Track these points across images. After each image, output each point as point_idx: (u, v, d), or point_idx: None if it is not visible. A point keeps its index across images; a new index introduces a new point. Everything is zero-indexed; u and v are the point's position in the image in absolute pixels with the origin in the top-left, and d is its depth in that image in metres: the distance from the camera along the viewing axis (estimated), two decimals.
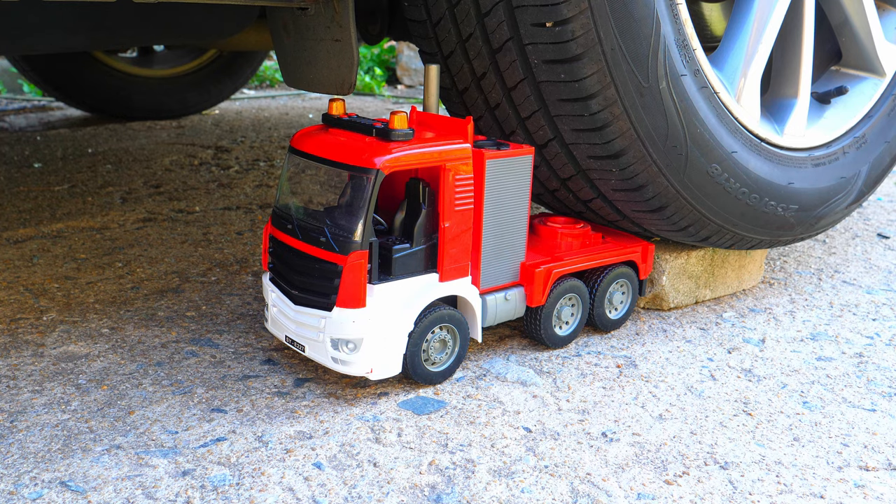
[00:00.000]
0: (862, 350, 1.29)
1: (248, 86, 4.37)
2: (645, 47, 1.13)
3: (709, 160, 1.24)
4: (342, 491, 0.88)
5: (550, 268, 1.19)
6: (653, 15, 1.12)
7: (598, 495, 0.89)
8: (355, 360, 1.03)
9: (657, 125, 1.17)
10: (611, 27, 1.09)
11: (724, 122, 1.26)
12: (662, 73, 1.16)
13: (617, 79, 1.12)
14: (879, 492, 0.91)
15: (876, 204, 2.26)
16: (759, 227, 1.37)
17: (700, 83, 1.21)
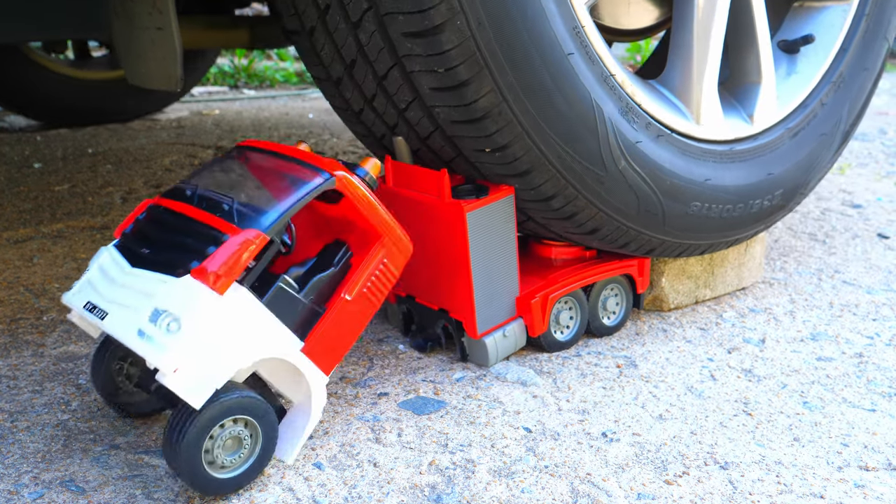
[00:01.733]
0: (862, 350, 1.29)
1: (248, 86, 4.37)
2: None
3: (685, 201, 1.23)
4: (342, 491, 0.88)
5: (547, 294, 1.18)
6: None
7: (598, 495, 0.89)
8: (167, 343, 0.79)
9: (627, 201, 1.16)
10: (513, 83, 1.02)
11: (686, 156, 1.23)
12: (617, 153, 1.13)
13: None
14: (879, 492, 0.91)
15: (876, 204, 2.26)
16: (749, 225, 1.36)
17: (655, 132, 1.18)
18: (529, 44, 1.01)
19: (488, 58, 0.98)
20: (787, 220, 2.04)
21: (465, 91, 1.00)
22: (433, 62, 0.99)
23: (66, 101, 2.98)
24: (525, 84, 1.02)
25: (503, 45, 0.99)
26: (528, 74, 1.02)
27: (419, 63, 1.00)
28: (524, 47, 1.00)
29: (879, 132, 3.75)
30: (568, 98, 1.06)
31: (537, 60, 1.02)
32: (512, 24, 0.99)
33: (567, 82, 1.06)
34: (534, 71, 1.02)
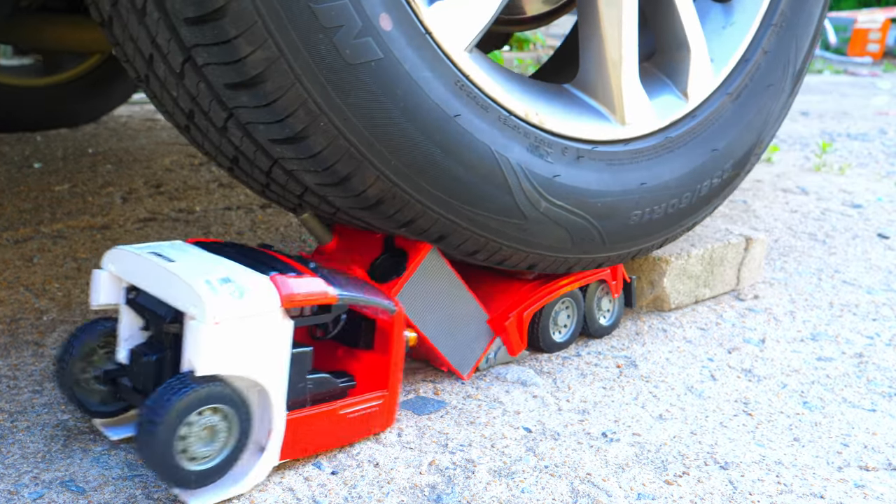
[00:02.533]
0: (862, 350, 1.29)
1: None
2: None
3: (624, 215, 1.15)
4: (342, 491, 0.88)
5: (520, 313, 1.15)
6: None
7: (598, 495, 0.89)
8: (225, 299, 0.83)
9: (558, 237, 1.10)
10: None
11: (615, 166, 1.14)
12: (535, 197, 1.06)
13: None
14: (879, 492, 0.91)
15: (876, 204, 2.26)
16: (703, 207, 1.28)
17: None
18: (407, 123, 0.92)
19: (365, 150, 0.91)
20: (787, 220, 2.04)
21: (351, 184, 0.94)
22: (310, 164, 0.92)
23: (18, 109, 2.83)
24: (413, 164, 0.94)
25: (378, 134, 0.91)
26: (414, 154, 0.94)
27: (297, 164, 0.94)
28: (402, 129, 0.92)
29: (879, 132, 3.75)
30: (464, 162, 0.98)
31: (419, 137, 0.93)
32: (383, 110, 0.90)
33: (460, 147, 0.97)
34: (418, 148, 0.94)
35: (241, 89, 0.86)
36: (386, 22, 0.89)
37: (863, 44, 9.52)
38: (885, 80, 6.90)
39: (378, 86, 0.89)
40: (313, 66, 0.86)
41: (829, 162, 2.90)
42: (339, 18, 0.85)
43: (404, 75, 0.91)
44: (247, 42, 0.82)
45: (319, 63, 0.86)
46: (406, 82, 0.91)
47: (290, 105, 0.86)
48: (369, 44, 0.88)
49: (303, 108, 0.87)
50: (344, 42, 0.86)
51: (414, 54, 0.92)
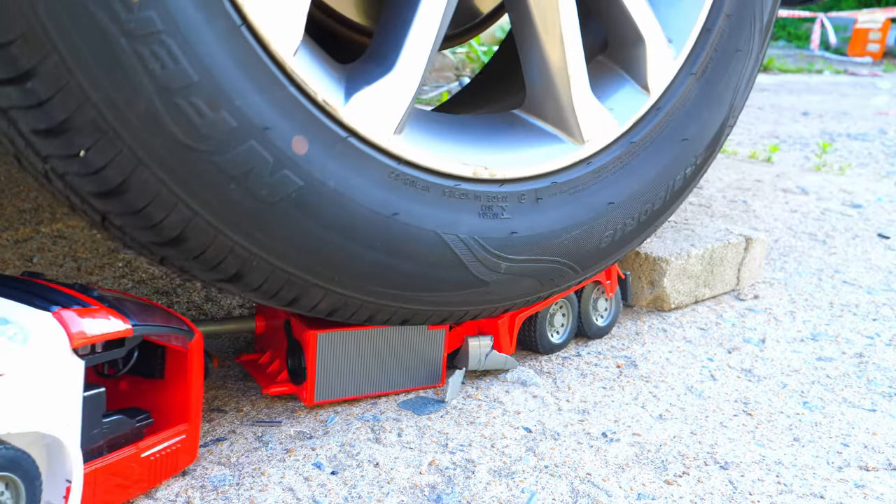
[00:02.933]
0: (862, 350, 1.29)
1: None
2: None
3: (595, 240, 1.09)
4: (342, 491, 0.88)
5: (513, 315, 1.14)
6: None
7: (598, 495, 0.89)
8: (3, 344, 0.73)
9: (528, 287, 1.06)
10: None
11: (579, 193, 1.07)
12: (494, 262, 1.01)
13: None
14: (879, 492, 0.91)
15: (876, 204, 2.26)
16: (676, 200, 1.20)
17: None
18: (344, 241, 0.89)
19: (306, 275, 0.89)
20: (787, 220, 2.04)
21: (301, 303, 0.93)
22: (256, 295, 0.91)
23: None
24: (359, 274, 0.92)
25: (317, 258, 0.89)
26: (358, 266, 0.91)
27: (243, 292, 0.92)
28: (340, 247, 0.89)
29: (879, 132, 3.75)
30: (412, 256, 0.93)
31: (360, 250, 0.90)
32: (316, 236, 0.87)
33: (405, 243, 0.92)
34: (362, 260, 0.91)
35: (166, 247, 0.84)
36: (300, 145, 0.84)
37: (863, 44, 9.52)
38: (885, 80, 6.90)
39: (305, 214, 0.85)
40: (233, 216, 0.82)
41: (829, 162, 2.90)
42: (247, 163, 0.80)
43: (331, 194, 0.86)
44: (157, 209, 0.79)
45: (238, 212, 0.82)
46: (334, 201, 0.87)
47: (219, 254, 0.84)
48: (286, 176, 0.83)
49: (232, 255, 0.85)
50: (259, 184, 0.82)
51: (338, 166, 0.87)
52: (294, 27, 0.81)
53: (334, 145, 0.87)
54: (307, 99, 0.84)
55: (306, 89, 0.84)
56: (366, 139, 0.89)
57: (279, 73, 0.81)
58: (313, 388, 1.01)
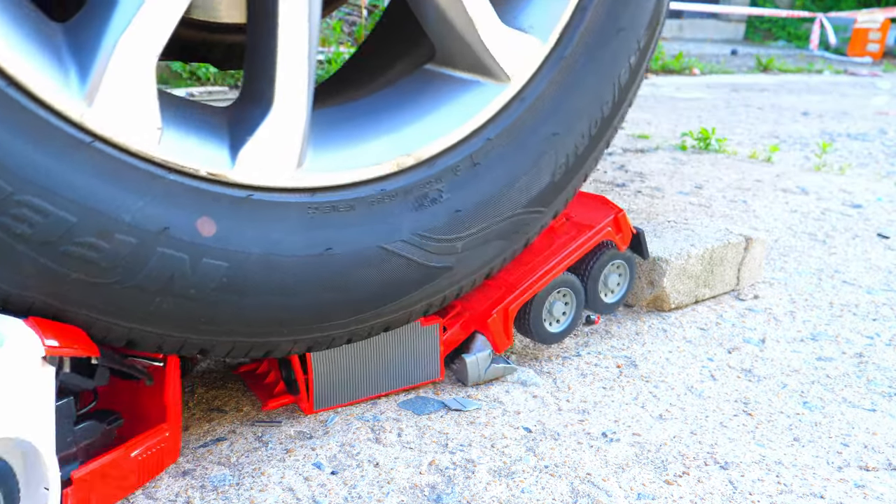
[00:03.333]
0: (862, 350, 1.29)
1: None
2: None
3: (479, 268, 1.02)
4: (342, 491, 0.88)
5: (505, 307, 1.10)
6: None
7: (598, 495, 0.89)
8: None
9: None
10: None
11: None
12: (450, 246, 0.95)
13: None
14: (879, 492, 0.91)
15: (876, 204, 2.26)
16: (553, 203, 1.08)
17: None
18: (290, 299, 0.86)
19: (284, 330, 0.89)
20: (787, 220, 2.04)
21: (276, 349, 0.92)
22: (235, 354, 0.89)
23: None
24: (322, 313, 0.89)
25: (286, 315, 0.87)
26: (315, 307, 0.88)
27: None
28: (287, 305, 0.86)
29: (879, 132, 3.75)
30: (365, 281, 0.90)
31: (312, 296, 0.87)
32: (271, 304, 0.85)
33: (351, 276, 0.88)
34: (318, 301, 0.88)
35: (121, 347, 0.83)
36: (207, 227, 0.79)
37: (863, 44, 9.52)
38: (885, 80, 6.90)
39: (242, 292, 0.82)
40: (173, 322, 0.80)
41: (829, 162, 2.90)
42: (163, 272, 0.77)
43: (258, 260, 0.82)
44: (98, 332, 0.78)
45: (177, 318, 0.80)
46: (265, 265, 0.83)
47: (174, 346, 0.84)
48: (208, 265, 0.79)
49: (187, 345, 0.83)
50: (184, 285, 0.79)
51: (254, 228, 0.82)
52: (148, 116, 0.75)
53: (239, 209, 0.81)
54: (191, 178, 0.78)
55: (186, 170, 0.78)
56: (269, 188, 0.83)
57: (151, 167, 0.76)
58: (312, 397, 1.01)
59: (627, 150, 2.94)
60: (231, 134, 0.82)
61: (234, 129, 0.83)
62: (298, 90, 0.83)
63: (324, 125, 0.90)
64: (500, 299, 1.11)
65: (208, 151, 0.79)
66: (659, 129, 3.52)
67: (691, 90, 5.35)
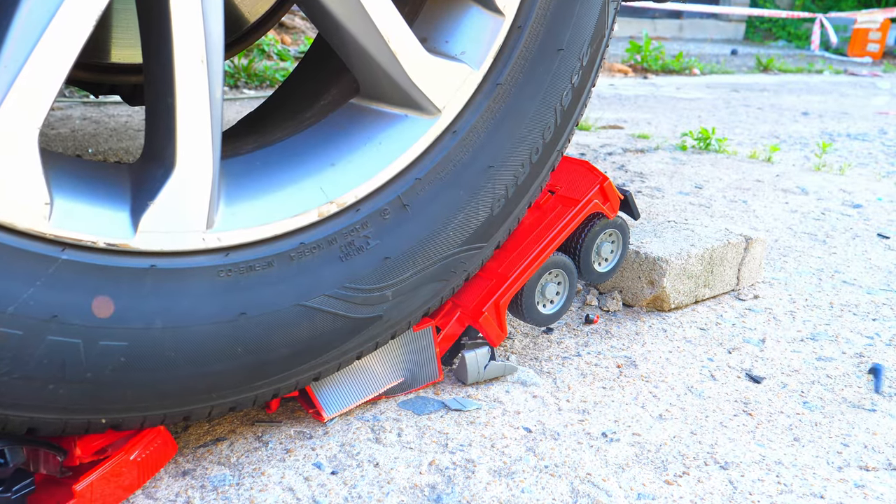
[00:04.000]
0: (862, 350, 1.29)
1: (248, 86, 4.37)
2: None
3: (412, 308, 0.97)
4: (342, 491, 0.88)
5: (497, 301, 1.09)
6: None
7: (598, 495, 0.89)
8: None
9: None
10: None
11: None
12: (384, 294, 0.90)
13: None
14: (879, 492, 0.91)
15: (876, 204, 2.26)
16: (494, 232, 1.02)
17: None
18: (210, 366, 0.81)
19: (201, 391, 0.83)
20: (787, 220, 2.04)
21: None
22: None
23: None
24: (249, 376, 0.85)
25: (212, 380, 0.83)
26: (242, 371, 0.84)
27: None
28: (205, 381, 0.82)
29: (879, 132, 3.75)
30: (286, 342, 0.85)
31: (224, 365, 0.82)
32: (197, 374, 0.81)
33: (270, 338, 0.83)
34: (241, 367, 0.84)
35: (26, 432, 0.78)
36: (104, 308, 0.73)
37: (863, 44, 9.52)
38: (885, 80, 6.90)
39: (145, 368, 0.77)
40: (73, 407, 0.75)
41: (829, 162, 2.90)
42: (54, 360, 0.72)
43: (163, 333, 0.76)
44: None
45: (76, 403, 0.75)
46: (170, 337, 0.77)
47: (79, 428, 0.79)
48: (106, 347, 0.73)
49: (92, 425, 0.80)
50: (79, 370, 0.73)
51: (157, 299, 0.76)
52: (33, 191, 0.68)
53: (142, 282, 0.75)
54: (87, 252, 0.72)
55: (82, 244, 0.71)
56: (176, 253, 0.76)
57: (41, 247, 0.69)
58: (321, 407, 1.01)
59: (627, 150, 2.94)
60: (133, 197, 0.75)
61: (136, 191, 0.76)
62: (203, 145, 0.76)
63: (237, 175, 0.83)
64: (491, 293, 1.09)
65: (107, 219, 0.73)
66: (659, 129, 3.51)
67: (691, 90, 5.35)
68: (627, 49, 6.68)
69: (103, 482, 0.82)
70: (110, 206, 0.74)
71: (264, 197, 0.83)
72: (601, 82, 5.57)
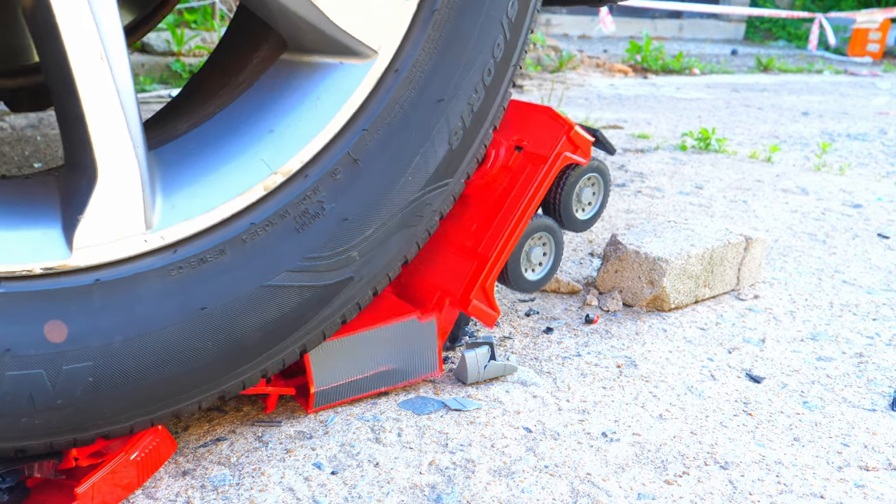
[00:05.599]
0: (862, 350, 1.29)
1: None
2: None
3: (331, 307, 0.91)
4: (342, 491, 0.88)
5: (482, 285, 1.04)
6: None
7: (598, 495, 0.89)
8: None
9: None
10: None
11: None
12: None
13: None
14: (879, 492, 0.91)
15: (876, 204, 2.26)
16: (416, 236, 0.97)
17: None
18: (179, 370, 0.80)
19: (185, 384, 0.83)
20: (787, 220, 2.04)
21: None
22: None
23: None
24: (214, 374, 0.84)
25: (194, 377, 0.82)
26: (208, 372, 0.83)
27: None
28: (182, 380, 0.82)
29: (879, 132, 3.75)
30: (257, 325, 0.83)
31: (197, 362, 0.81)
32: (165, 381, 0.80)
33: (237, 325, 0.81)
34: (205, 365, 0.82)
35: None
36: (56, 332, 0.71)
37: (863, 44, 9.52)
38: (885, 80, 6.90)
39: (116, 383, 0.75)
40: (49, 432, 0.75)
41: (829, 162, 2.90)
42: (20, 393, 0.70)
43: (125, 345, 0.74)
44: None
45: (50, 428, 0.74)
46: (134, 348, 0.75)
47: (62, 446, 0.79)
48: (71, 371, 0.72)
49: (77, 441, 0.80)
50: (49, 399, 0.72)
51: (111, 314, 0.73)
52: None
53: (90, 299, 0.72)
54: (26, 282, 0.69)
55: (17, 275, 0.69)
56: (119, 261, 0.74)
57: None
58: (312, 398, 1.01)
59: (627, 150, 2.94)
60: (63, 213, 0.72)
61: (65, 206, 0.72)
62: (122, 145, 0.72)
63: (172, 163, 0.79)
64: (475, 276, 1.06)
65: (38, 242, 0.70)
66: (659, 129, 3.51)
67: (691, 90, 5.35)
68: (627, 49, 6.68)
69: (103, 483, 0.83)
70: (40, 227, 0.71)
71: (203, 182, 0.78)
72: (601, 82, 5.57)
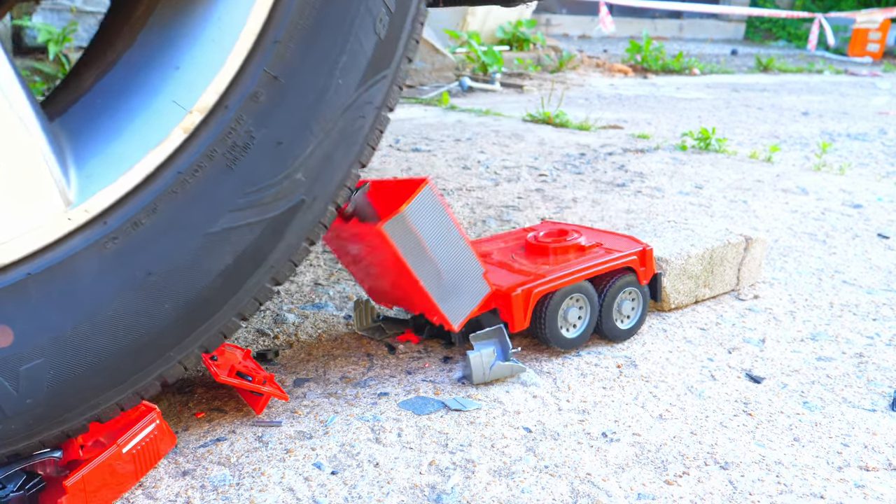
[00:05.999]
0: (862, 350, 1.29)
1: None
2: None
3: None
4: (342, 491, 0.88)
5: (530, 289, 1.14)
6: None
7: (598, 495, 0.89)
8: None
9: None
10: None
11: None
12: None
13: None
14: (879, 492, 0.91)
15: (876, 204, 2.26)
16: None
17: None
18: (142, 341, 0.79)
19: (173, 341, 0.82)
20: (787, 220, 2.04)
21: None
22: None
23: None
24: (188, 330, 0.82)
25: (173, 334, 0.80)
26: (175, 331, 0.81)
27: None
28: (151, 349, 0.80)
29: (879, 132, 3.75)
30: (213, 273, 0.78)
31: (163, 322, 0.79)
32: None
33: (190, 283, 0.77)
34: (168, 326, 0.80)
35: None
36: (2, 336, 0.69)
37: (863, 44, 9.52)
38: (885, 80, 6.90)
39: (86, 365, 0.73)
40: (33, 432, 0.75)
41: (829, 162, 2.90)
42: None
43: (78, 334, 0.72)
44: None
45: (32, 431, 0.74)
46: (88, 332, 0.73)
47: (54, 441, 0.79)
48: (31, 369, 0.69)
49: (69, 433, 0.80)
50: (17, 405, 0.71)
51: (55, 305, 0.71)
52: None
53: (26, 294, 0.69)
54: None
55: None
56: (44, 248, 0.70)
57: None
58: (409, 203, 0.99)
59: (627, 150, 2.94)
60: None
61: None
62: (12, 128, 0.66)
63: (79, 129, 0.74)
64: (526, 282, 1.16)
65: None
66: (659, 129, 3.51)
67: (691, 90, 5.35)
68: (627, 49, 6.68)
69: (96, 476, 0.81)
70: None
71: (116, 141, 0.72)
72: (601, 82, 5.57)
